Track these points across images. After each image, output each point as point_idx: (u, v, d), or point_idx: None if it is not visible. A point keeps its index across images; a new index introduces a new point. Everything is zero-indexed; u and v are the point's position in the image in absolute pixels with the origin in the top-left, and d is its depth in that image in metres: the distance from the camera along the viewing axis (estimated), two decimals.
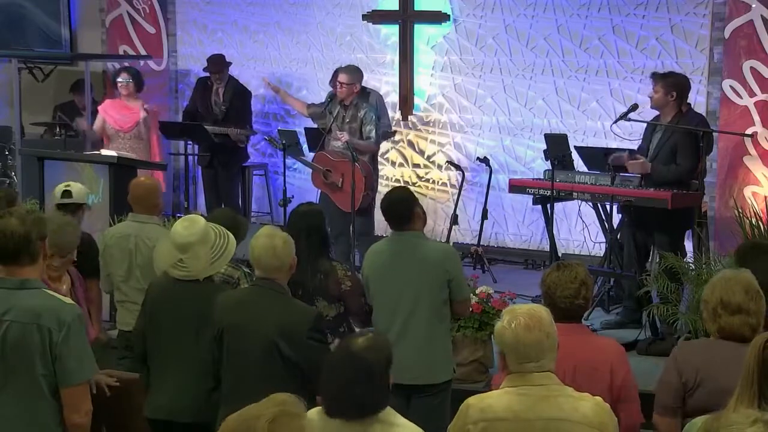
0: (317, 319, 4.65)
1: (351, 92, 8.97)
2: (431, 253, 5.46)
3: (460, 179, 9.89)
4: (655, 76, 7.78)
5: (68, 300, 4.08)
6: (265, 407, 2.72)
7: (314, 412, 3.56)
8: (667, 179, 7.62)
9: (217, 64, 10.15)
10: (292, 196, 9.04)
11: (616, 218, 8.21)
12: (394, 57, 10.45)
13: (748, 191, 8.77)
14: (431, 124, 10.44)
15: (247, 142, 10.16)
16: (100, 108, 10.17)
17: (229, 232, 4.98)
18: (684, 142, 7.60)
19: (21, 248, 4.01)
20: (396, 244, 5.52)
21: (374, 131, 8.97)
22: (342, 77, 8.97)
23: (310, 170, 9.24)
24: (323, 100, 9.36)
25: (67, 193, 6.47)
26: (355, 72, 9.08)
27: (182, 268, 4.83)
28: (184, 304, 4.84)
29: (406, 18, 10.29)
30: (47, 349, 3.93)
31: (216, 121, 10.03)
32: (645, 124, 7.89)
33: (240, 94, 10.23)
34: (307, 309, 4.69)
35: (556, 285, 4.25)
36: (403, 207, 5.49)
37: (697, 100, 8.92)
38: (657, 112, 7.83)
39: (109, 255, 6.28)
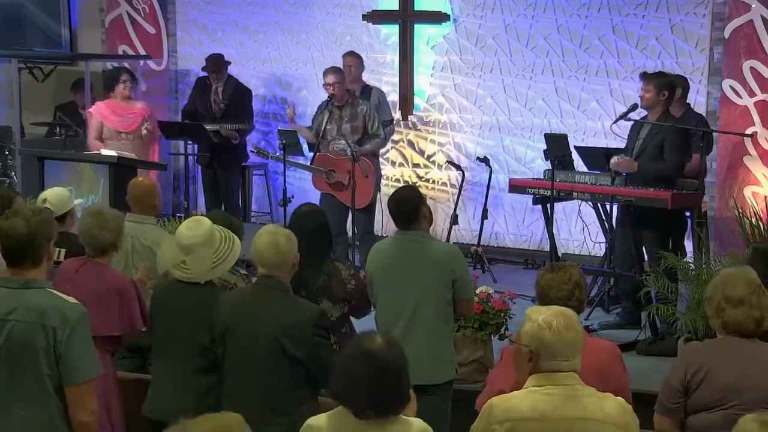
0: (320, 316, 4.66)
1: (343, 90, 8.99)
2: (437, 253, 5.45)
3: (460, 179, 9.89)
4: (646, 76, 7.78)
5: (72, 299, 4.05)
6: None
7: (323, 417, 3.56)
8: (654, 176, 7.62)
9: (216, 63, 10.15)
10: (292, 196, 9.05)
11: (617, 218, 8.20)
12: (394, 57, 10.46)
13: (748, 191, 8.77)
14: (431, 124, 10.44)
15: (238, 138, 10.04)
16: (93, 111, 9.95)
17: (234, 236, 4.98)
18: (671, 139, 7.60)
19: (25, 250, 3.98)
20: (401, 243, 5.51)
21: (381, 128, 9.02)
22: (328, 78, 8.98)
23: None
24: (322, 102, 9.35)
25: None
26: (338, 71, 9.09)
27: (184, 269, 4.83)
28: (184, 305, 4.84)
29: (406, 18, 10.29)
30: (51, 348, 3.92)
31: (215, 120, 10.03)
32: (641, 125, 7.88)
33: (239, 93, 10.23)
34: (310, 306, 4.70)
35: (550, 286, 4.27)
36: (410, 206, 5.48)
37: (697, 100, 8.93)
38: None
39: None
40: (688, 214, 7.85)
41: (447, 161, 10.15)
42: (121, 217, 5.51)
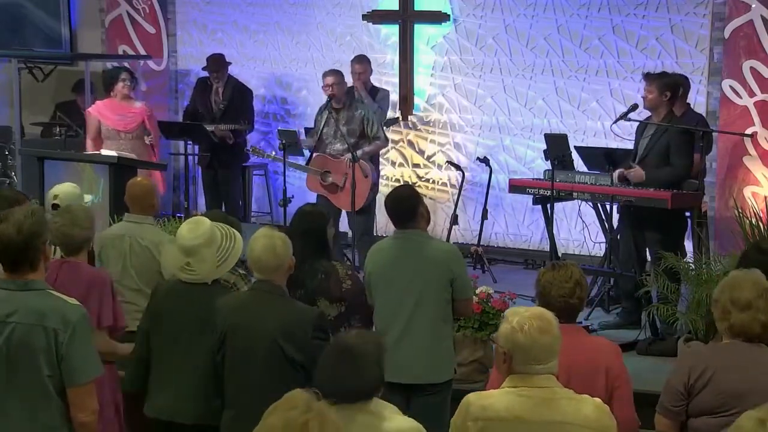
0: (319, 318, 4.66)
1: (343, 91, 8.99)
2: (436, 252, 5.46)
3: (460, 179, 9.90)
4: (649, 77, 7.77)
5: (73, 300, 4.04)
6: (297, 413, 2.69)
7: None
8: (663, 181, 7.62)
9: (217, 63, 10.15)
10: (292, 196, 9.05)
11: (616, 218, 8.21)
12: (394, 57, 10.46)
13: (748, 191, 8.77)
14: (431, 124, 10.44)
15: (233, 138, 10.02)
16: (91, 110, 9.86)
17: (236, 232, 4.96)
18: (677, 141, 7.60)
19: (21, 256, 3.94)
20: (400, 243, 5.52)
21: (380, 130, 9.01)
22: (327, 79, 8.98)
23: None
24: (322, 104, 9.34)
25: (55, 206, 6.33)
26: (337, 73, 9.09)
27: (189, 271, 4.79)
28: (190, 306, 4.81)
29: (406, 18, 10.29)
30: (53, 350, 3.90)
31: (215, 120, 10.02)
32: (645, 125, 7.87)
33: (239, 93, 10.23)
34: (308, 309, 4.70)
35: (551, 284, 4.26)
36: (407, 204, 5.49)
37: (697, 100, 8.93)
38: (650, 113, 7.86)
39: (105, 256, 6.26)
40: (688, 214, 7.86)
41: (447, 161, 10.15)
42: (90, 211, 5.50)
